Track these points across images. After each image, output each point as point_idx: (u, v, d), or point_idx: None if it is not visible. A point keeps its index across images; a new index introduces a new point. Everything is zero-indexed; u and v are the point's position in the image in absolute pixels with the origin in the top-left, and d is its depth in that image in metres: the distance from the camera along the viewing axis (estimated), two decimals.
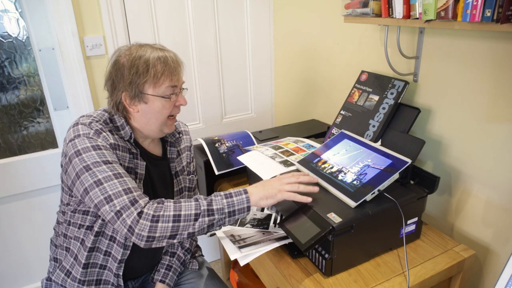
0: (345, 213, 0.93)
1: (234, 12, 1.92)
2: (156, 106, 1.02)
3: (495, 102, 1.02)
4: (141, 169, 1.07)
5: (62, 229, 1.11)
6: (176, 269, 1.20)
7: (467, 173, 1.14)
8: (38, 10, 1.55)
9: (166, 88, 1.01)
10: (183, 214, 0.91)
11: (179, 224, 0.91)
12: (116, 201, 0.90)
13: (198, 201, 0.94)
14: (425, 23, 0.98)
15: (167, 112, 1.05)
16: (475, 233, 1.14)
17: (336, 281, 0.96)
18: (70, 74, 1.62)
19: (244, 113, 2.15)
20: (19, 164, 1.66)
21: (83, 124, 0.99)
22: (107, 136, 0.99)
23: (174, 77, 1.02)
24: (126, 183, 0.93)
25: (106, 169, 0.93)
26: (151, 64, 0.98)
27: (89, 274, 1.08)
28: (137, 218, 0.88)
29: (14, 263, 1.79)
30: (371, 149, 1.11)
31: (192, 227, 0.92)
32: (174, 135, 1.19)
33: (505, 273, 0.77)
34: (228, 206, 0.95)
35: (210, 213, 0.93)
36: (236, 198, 0.96)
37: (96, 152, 0.95)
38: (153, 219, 0.89)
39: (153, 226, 0.88)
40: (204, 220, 0.92)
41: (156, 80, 0.99)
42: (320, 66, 1.73)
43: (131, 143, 1.05)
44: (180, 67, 1.05)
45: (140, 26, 1.71)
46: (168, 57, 1.01)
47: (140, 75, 0.98)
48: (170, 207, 0.92)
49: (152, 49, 1.01)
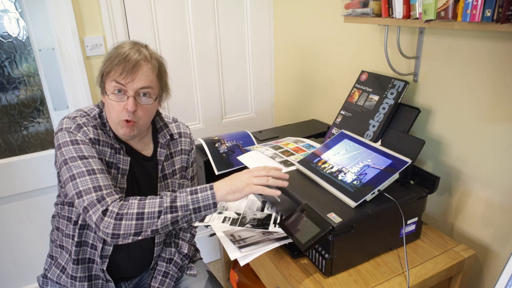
0: (345, 213, 0.93)
1: (234, 12, 1.92)
2: (107, 101, 1.02)
3: (495, 102, 1.02)
4: (124, 164, 1.07)
5: (55, 222, 1.14)
6: (173, 275, 1.19)
7: (467, 173, 1.14)
8: (38, 10, 1.55)
9: (111, 82, 0.98)
10: (146, 211, 0.92)
11: (142, 222, 0.92)
12: (85, 197, 0.92)
13: (162, 198, 0.94)
14: (425, 23, 0.98)
15: (115, 111, 1.00)
16: (475, 233, 1.14)
17: (336, 281, 0.96)
18: (70, 74, 1.62)
19: (244, 113, 2.15)
20: (19, 164, 1.66)
21: (68, 118, 1.02)
22: (87, 131, 1.00)
23: (123, 75, 0.96)
24: (98, 180, 0.94)
25: (81, 165, 0.95)
26: (112, 57, 0.98)
27: (81, 270, 1.09)
28: (101, 216, 0.91)
29: (15, 263, 1.79)
30: (371, 149, 1.11)
31: (155, 225, 0.93)
32: (165, 136, 1.16)
33: (505, 273, 0.77)
34: (193, 202, 0.94)
35: (173, 210, 0.93)
36: (201, 194, 0.95)
37: (73, 147, 0.97)
38: (117, 217, 0.91)
39: (117, 224, 0.90)
40: (166, 217, 0.93)
41: (107, 72, 0.99)
42: (320, 66, 1.73)
43: (114, 139, 1.05)
44: (140, 72, 0.98)
45: (140, 26, 1.71)
46: (130, 56, 0.97)
47: (104, 64, 1.00)
48: (134, 205, 0.93)
49: (130, 46, 1.00)
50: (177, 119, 1.25)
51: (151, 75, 1.01)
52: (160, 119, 1.18)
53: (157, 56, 1.05)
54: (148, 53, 1.02)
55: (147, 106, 1.03)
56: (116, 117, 1.01)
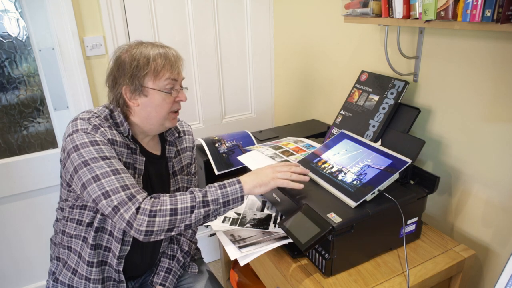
0: (345, 213, 0.93)
1: (234, 12, 1.92)
2: (156, 99, 1.03)
3: (495, 102, 1.02)
4: (140, 164, 1.08)
5: (61, 226, 1.12)
6: (175, 272, 1.20)
7: (467, 173, 1.14)
8: (38, 10, 1.55)
9: (165, 80, 1.02)
10: (180, 207, 0.93)
11: (176, 218, 0.92)
12: (113, 197, 0.91)
13: (193, 193, 0.96)
14: (425, 23, 0.98)
15: (168, 106, 1.06)
16: (475, 233, 1.14)
17: (336, 281, 0.96)
18: (70, 74, 1.62)
19: (244, 113, 2.15)
20: (19, 164, 1.66)
21: (82, 119, 1.00)
22: (105, 132, 1.00)
23: (174, 70, 1.04)
24: (123, 179, 0.94)
25: (104, 165, 0.94)
26: (151, 58, 1.01)
27: (95, 273, 1.08)
28: (135, 213, 0.90)
29: (15, 263, 1.79)
30: (371, 149, 1.11)
31: (189, 219, 0.94)
32: (173, 134, 1.19)
33: (505, 273, 0.77)
34: (223, 196, 0.97)
35: (205, 204, 0.95)
36: (230, 188, 0.98)
37: (94, 147, 0.96)
38: (150, 213, 0.90)
39: (151, 221, 0.90)
40: (200, 212, 0.95)
41: (156, 73, 1.01)
42: (320, 66, 1.73)
43: (129, 139, 1.06)
44: (181, 62, 1.07)
45: (140, 26, 1.71)
46: (169, 52, 1.04)
47: (141, 69, 1.00)
48: (167, 201, 0.93)
49: (153, 46, 1.04)
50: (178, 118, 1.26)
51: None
52: None
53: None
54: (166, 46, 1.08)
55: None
56: (167, 112, 1.06)
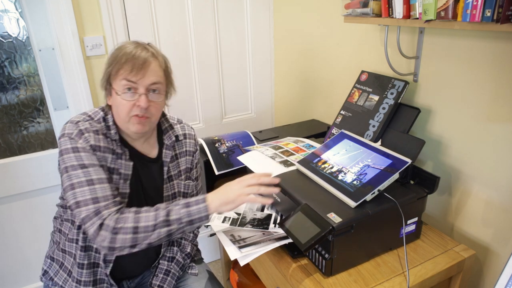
0: (345, 213, 0.93)
1: (234, 12, 1.92)
2: (115, 100, 1.02)
3: (495, 102, 1.02)
4: (126, 170, 1.06)
5: (57, 223, 1.13)
6: (174, 273, 1.19)
7: (467, 173, 1.14)
8: (38, 10, 1.55)
9: (121, 81, 0.98)
10: (141, 226, 0.93)
11: (137, 236, 0.93)
12: (82, 209, 0.93)
13: (157, 210, 0.95)
14: (425, 23, 0.98)
15: (125, 109, 1.00)
16: (475, 233, 1.14)
17: (336, 281, 0.96)
18: (70, 74, 1.62)
19: (244, 113, 2.15)
20: (19, 164, 1.66)
21: (71, 122, 1.01)
22: (88, 137, 1.00)
23: (133, 72, 0.97)
24: (96, 191, 0.95)
25: (80, 174, 0.96)
26: (118, 57, 0.98)
27: (87, 275, 1.08)
28: (97, 229, 0.92)
29: (14, 263, 1.79)
30: (371, 149, 1.11)
31: (150, 238, 0.94)
32: (170, 137, 1.16)
33: (505, 273, 0.77)
34: (187, 215, 0.95)
35: (167, 224, 0.94)
36: (195, 207, 0.96)
37: (74, 154, 0.97)
38: (113, 231, 0.91)
39: (113, 238, 0.91)
40: (161, 231, 0.94)
41: (116, 72, 0.99)
42: (320, 66, 1.73)
43: (117, 143, 1.05)
44: (149, 67, 0.99)
45: (140, 26, 1.71)
46: (138, 54, 0.98)
47: (109, 65, 1.00)
48: (130, 219, 0.93)
49: (135, 46, 1.01)
50: (181, 120, 1.25)
51: (159, 71, 1.03)
52: (166, 120, 1.18)
53: (162, 53, 1.07)
54: (154, 50, 1.04)
55: (158, 103, 1.04)
56: (126, 114, 1.01)
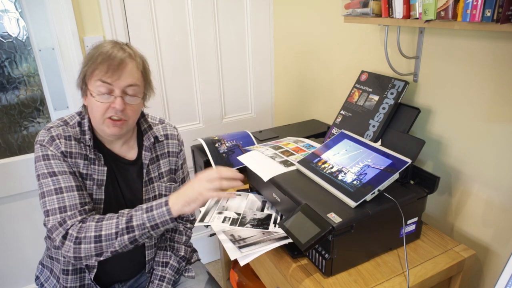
0: (345, 213, 0.93)
1: (234, 12, 1.92)
2: (90, 101, 0.99)
3: (495, 102, 1.02)
4: (99, 175, 1.04)
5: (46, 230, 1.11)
6: (170, 279, 1.17)
7: (467, 173, 1.14)
8: (38, 10, 1.55)
9: (96, 82, 0.95)
10: (104, 234, 0.92)
11: (101, 245, 0.92)
12: (50, 218, 0.94)
13: (118, 218, 0.94)
14: (425, 23, 0.98)
15: (99, 111, 0.97)
16: (475, 233, 1.14)
17: (336, 281, 0.96)
18: (70, 74, 1.62)
19: (244, 113, 2.15)
20: (19, 164, 1.66)
21: (45, 128, 1.01)
22: (59, 144, 0.99)
23: (109, 73, 0.94)
24: (64, 200, 0.95)
25: (49, 183, 0.96)
26: (95, 56, 0.96)
27: (71, 281, 1.08)
28: (62, 239, 0.92)
29: (14, 263, 1.79)
30: (371, 149, 1.11)
31: (113, 246, 0.93)
32: (149, 138, 1.13)
33: (505, 273, 0.77)
34: (149, 220, 0.93)
35: (129, 230, 0.93)
36: (157, 211, 0.94)
37: (44, 162, 0.97)
38: (76, 241, 0.91)
39: (77, 248, 0.91)
40: (123, 239, 0.93)
41: (91, 72, 0.96)
42: (320, 66, 1.73)
43: (91, 148, 1.03)
44: (125, 68, 0.96)
45: (140, 26, 1.71)
46: (114, 55, 0.95)
47: (85, 65, 0.98)
48: (91, 228, 0.92)
49: (112, 45, 0.98)
50: (164, 120, 1.21)
51: (136, 73, 1.00)
52: (145, 121, 1.15)
53: (140, 54, 1.04)
54: (132, 51, 1.01)
55: (135, 105, 1.01)
56: (101, 116, 0.98)
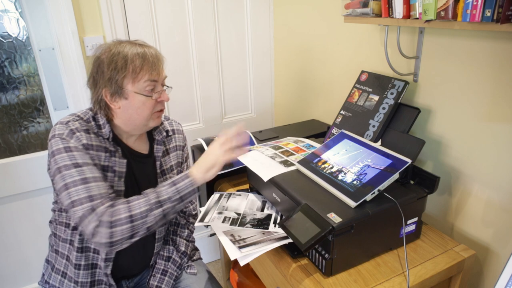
0: (345, 213, 0.93)
1: (234, 12, 1.92)
2: (137, 102, 1.02)
3: (495, 102, 1.02)
4: (120, 167, 1.07)
5: (52, 228, 1.13)
6: (172, 273, 1.20)
7: (467, 173, 1.14)
8: (38, 10, 1.55)
9: (145, 82, 1.01)
10: (136, 213, 0.94)
11: (134, 224, 0.93)
12: (77, 208, 0.93)
13: (146, 196, 0.97)
14: (425, 23, 0.98)
15: (149, 108, 1.05)
16: (475, 233, 1.14)
17: (336, 281, 0.96)
18: (70, 74, 1.62)
19: (244, 113, 2.15)
20: (19, 164, 1.66)
21: (61, 123, 1.01)
22: (80, 136, 1.00)
23: (154, 71, 1.02)
24: (90, 189, 0.95)
25: (74, 173, 0.95)
26: (129, 59, 0.99)
27: (83, 276, 1.08)
28: (95, 227, 0.92)
29: (14, 263, 1.79)
30: (371, 149, 1.11)
31: (147, 223, 0.95)
32: (161, 132, 1.19)
33: (505, 273, 0.77)
34: (177, 192, 0.98)
35: (160, 205, 0.96)
36: (182, 183, 0.98)
37: (67, 154, 0.97)
38: (110, 225, 0.91)
39: (111, 232, 0.92)
40: (155, 213, 0.96)
41: (135, 75, 1.00)
42: (320, 66, 1.73)
43: (110, 141, 1.06)
44: (160, 62, 1.05)
45: (140, 26, 1.71)
46: (147, 53, 1.02)
47: (119, 71, 0.99)
48: (122, 209, 0.94)
49: (131, 45, 1.02)
50: (168, 117, 1.28)
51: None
52: None
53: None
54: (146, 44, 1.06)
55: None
56: (150, 112, 1.05)
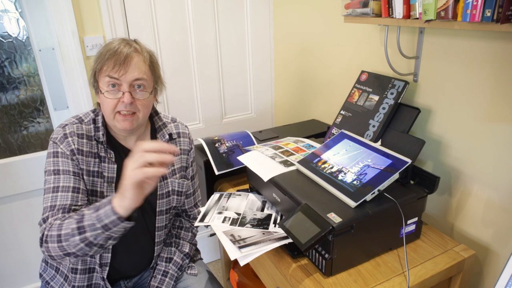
0: (345, 213, 0.93)
1: (234, 12, 1.92)
2: (101, 98, 1.01)
3: (495, 102, 1.02)
4: (110, 173, 1.06)
5: None
6: (172, 274, 1.19)
7: (467, 173, 1.14)
8: (38, 10, 1.55)
9: (105, 77, 0.98)
10: (63, 233, 0.86)
11: (62, 244, 0.87)
12: (42, 214, 0.95)
13: (72, 217, 0.88)
14: (425, 23, 0.98)
15: (110, 106, 0.99)
16: (475, 233, 1.14)
17: (336, 281, 0.96)
18: (70, 74, 1.62)
19: (244, 113, 2.15)
20: (19, 164, 1.66)
21: (60, 126, 1.03)
22: (71, 141, 1.00)
23: (116, 68, 0.95)
24: (55, 199, 0.95)
25: (51, 180, 0.97)
26: (103, 53, 0.98)
27: (79, 280, 1.08)
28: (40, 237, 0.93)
29: (14, 263, 1.79)
30: (371, 149, 1.11)
31: (72, 248, 0.86)
32: (164, 135, 1.16)
33: (505, 273, 0.77)
34: (99, 220, 0.83)
35: (80, 231, 0.84)
36: (103, 210, 0.84)
37: (52, 159, 0.99)
38: (46, 239, 0.91)
39: (47, 247, 0.91)
40: (75, 240, 0.85)
41: (100, 69, 0.98)
42: (320, 66, 1.73)
43: (104, 146, 1.05)
44: (132, 63, 0.97)
45: (140, 26, 1.71)
46: (120, 50, 0.97)
47: (95, 62, 1.00)
48: (55, 227, 0.89)
49: (121, 42, 1.00)
50: (176, 119, 1.25)
51: (143, 66, 1.00)
52: (159, 119, 1.18)
53: (148, 49, 1.06)
54: (139, 46, 1.02)
55: (144, 100, 1.02)
56: (111, 111, 0.99)
